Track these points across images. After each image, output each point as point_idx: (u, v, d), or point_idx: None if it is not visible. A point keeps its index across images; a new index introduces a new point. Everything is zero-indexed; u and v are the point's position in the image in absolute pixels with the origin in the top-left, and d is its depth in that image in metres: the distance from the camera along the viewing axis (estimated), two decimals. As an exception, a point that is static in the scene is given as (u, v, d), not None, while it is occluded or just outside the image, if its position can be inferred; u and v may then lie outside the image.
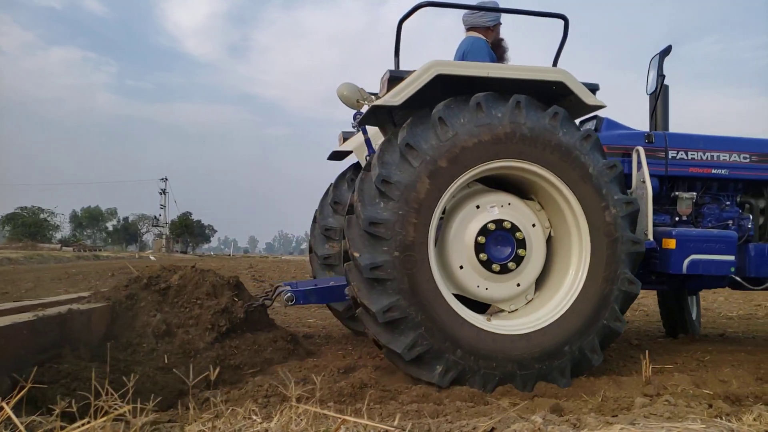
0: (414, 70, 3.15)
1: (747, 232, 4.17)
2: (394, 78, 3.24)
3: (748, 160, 4.20)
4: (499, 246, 3.27)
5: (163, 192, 68.62)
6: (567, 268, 3.35)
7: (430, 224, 3.04)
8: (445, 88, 3.14)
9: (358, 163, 4.79)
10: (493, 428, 1.81)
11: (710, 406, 2.53)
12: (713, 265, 3.78)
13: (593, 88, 3.43)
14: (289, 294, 3.73)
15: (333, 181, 4.94)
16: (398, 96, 3.07)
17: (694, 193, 4.11)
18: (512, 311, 3.43)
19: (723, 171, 4.17)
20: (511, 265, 3.26)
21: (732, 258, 3.80)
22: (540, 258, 3.39)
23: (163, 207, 68.40)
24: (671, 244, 3.73)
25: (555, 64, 3.56)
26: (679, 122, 4.74)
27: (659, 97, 4.42)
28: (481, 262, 3.23)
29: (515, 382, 3.06)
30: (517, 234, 3.25)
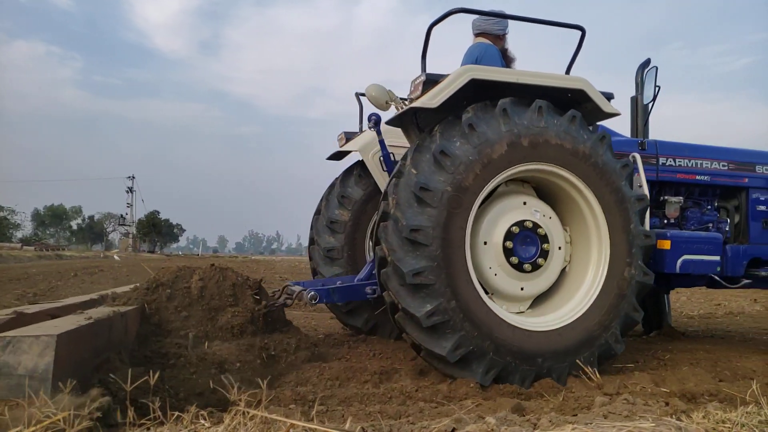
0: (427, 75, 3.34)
1: (725, 234, 4.51)
2: (430, 81, 3.30)
3: (726, 167, 4.57)
4: (526, 245, 3.44)
5: (130, 190, 67.17)
6: (587, 265, 3.53)
7: (467, 227, 3.14)
8: (473, 92, 3.23)
9: (347, 169, 5.01)
10: (451, 429, 1.80)
11: (667, 404, 2.57)
12: (703, 264, 4.08)
13: (609, 97, 3.63)
14: (312, 293, 3.75)
15: (339, 176, 5.04)
16: (435, 99, 3.18)
17: (681, 198, 4.43)
18: (534, 308, 3.59)
19: (705, 177, 4.52)
20: (540, 261, 3.44)
21: (718, 258, 4.12)
22: (561, 255, 3.57)
23: (130, 205, 66.97)
24: (666, 245, 3.96)
25: (568, 71, 3.69)
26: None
27: (640, 106, 4.67)
28: (511, 264, 3.40)
29: (551, 375, 3.19)
30: (539, 230, 3.44)
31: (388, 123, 3.89)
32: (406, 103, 3.58)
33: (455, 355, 3.01)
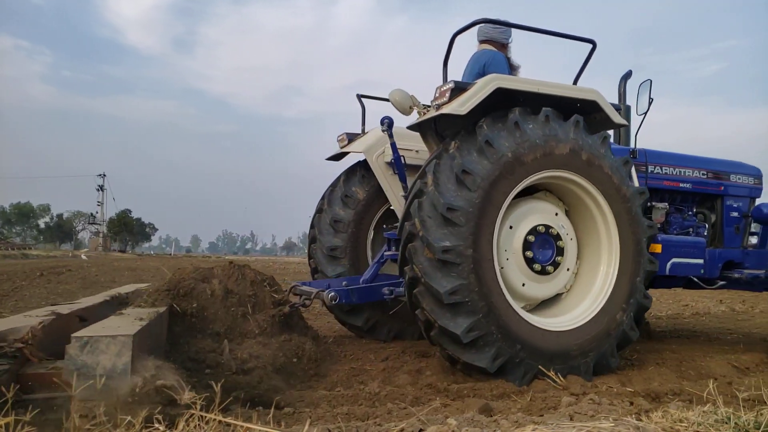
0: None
1: (703, 238, 4.77)
2: (458, 88, 3.37)
3: (705, 176, 4.90)
4: (543, 249, 3.59)
5: (101, 188, 65.77)
6: (596, 273, 3.70)
7: (493, 240, 3.25)
8: (491, 100, 3.33)
9: (350, 169, 5.05)
10: (418, 430, 1.80)
11: (631, 403, 2.61)
12: (689, 267, 4.39)
13: (617, 108, 3.85)
14: (333, 293, 3.81)
15: (341, 175, 5.06)
16: (464, 106, 3.26)
17: (666, 204, 4.67)
18: (548, 309, 3.73)
19: (687, 185, 4.83)
20: (549, 268, 3.59)
21: (702, 261, 4.44)
22: (573, 257, 3.75)
23: (100, 204, 65.55)
24: (657, 248, 4.20)
25: (575, 82, 3.81)
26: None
27: (623, 116, 4.80)
28: (530, 267, 3.52)
29: (579, 371, 3.36)
30: (558, 240, 3.62)
31: (409, 128, 3.96)
32: (428, 109, 3.66)
33: (494, 366, 3.14)
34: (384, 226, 4.92)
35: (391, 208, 4.76)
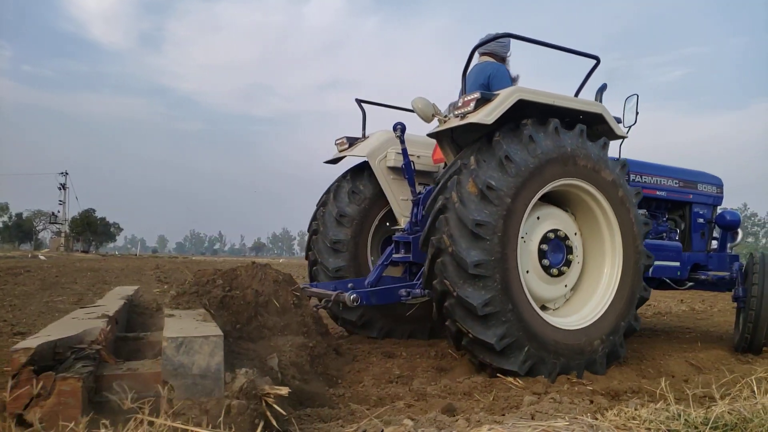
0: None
1: (679, 242, 5.20)
2: (484, 99, 3.53)
3: (677, 184, 5.28)
4: (556, 252, 3.80)
5: (63, 187, 64.08)
6: (600, 274, 3.95)
7: (517, 254, 3.41)
8: (507, 111, 3.51)
9: (357, 167, 5.10)
10: (380, 430, 1.80)
11: (591, 401, 2.67)
12: (669, 269, 4.79)
13: (618, 120, 4.14)
14: (354, 295, 3.90)
15: (347, 172, 5.12)
16: (490, 116, 3.43)
17: (645, 210, 4.98)
18: (556, 308, 3.94)
19: (662, 193, 5.18)
20: (564, 268, 3.79)
21: (679, 264, 4.85)
22: (580, 262, 4.00)
23: (62, 203, 63.87)
24: None
25: (577, 94, 4.01)
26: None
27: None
28: (543, 267, 3.72)
29: (596, 364, 3.60)
30: (567, 241, 3.83)
31: (429, 135, 4.11)
32: (448, 117, 3.83)
33: (524, 368, 3.31)
34: (387, 224, 5.04)
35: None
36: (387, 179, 4.87)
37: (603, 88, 4.38)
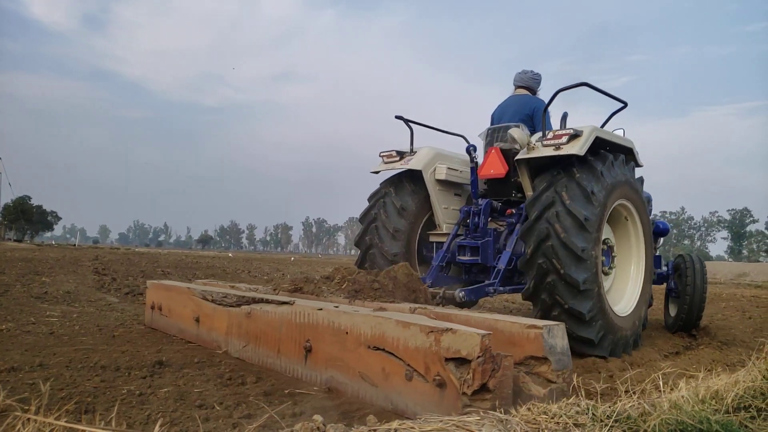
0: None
1: None
2: (575, 135, 4.38)
3: None
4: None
5: (-4, 172, 60.77)
6: (628, 276, 5.12)
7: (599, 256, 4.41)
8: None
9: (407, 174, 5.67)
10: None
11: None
12: None
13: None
14: (462, 293, 4.48)
15: (389, 187, 5.63)
16: (582, 149, 4.31)
17: None
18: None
19: None
20: (610, 269, 4.96)
21: None
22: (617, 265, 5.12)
23: (-6, 189, 60.64)
24: None
25: (603, 126, 5.10)
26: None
27: None
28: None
29: (628, 348, 4.58)
30: (612, 248, 4.99)
31: (516, 161, 4.83)
32: (535, 145, 4.60)
33: (598, 337, 4.21)
34: (428, 232, 5.75)
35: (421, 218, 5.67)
36: (434, 190, 5.56)
37: (564, 116, 4.90)
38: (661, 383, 2.40)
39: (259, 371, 3.20)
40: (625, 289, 5.03)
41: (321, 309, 2.98)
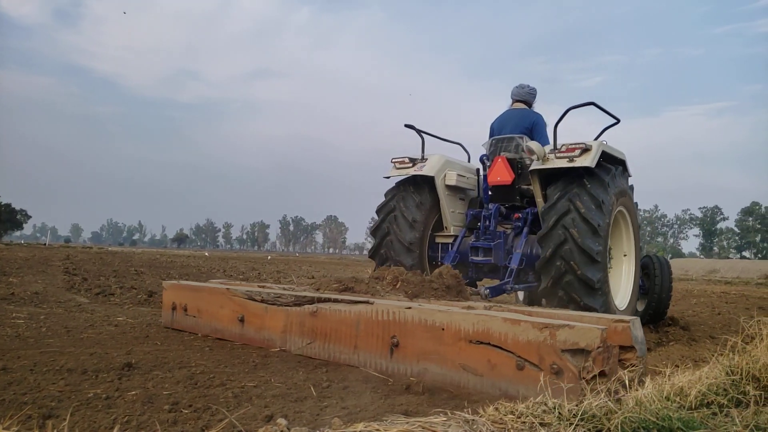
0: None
1: None
2: (587, 148, 4.90)
3: None
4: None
5: (-36, 170, 59.09)
6: (621, 273, 5.64)
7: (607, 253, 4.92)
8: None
9: (411, 181, 6.10)
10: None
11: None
12: None
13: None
14: (487, 291, 4.86)
15: (397, 199, 5.99)
16: (593, 161, 4.84)
17: None
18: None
19: None
20: (609, 268, 5.18)
21: None
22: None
23: (-38, 187, 58.88)
24: None
25: (596, 138, 5.61)
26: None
27: None
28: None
29: None
30: (610, 247, 5.29)
31: (530, 171, 5.29)
32: (548, 157, 5.07)
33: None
34: (434, 235, 6.15)
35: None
36: (444, 194, 5.95)
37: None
38: (627, 380, 2.44)
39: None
40: (620, 285, 5.53)
41: (410, 308, 3.22)
